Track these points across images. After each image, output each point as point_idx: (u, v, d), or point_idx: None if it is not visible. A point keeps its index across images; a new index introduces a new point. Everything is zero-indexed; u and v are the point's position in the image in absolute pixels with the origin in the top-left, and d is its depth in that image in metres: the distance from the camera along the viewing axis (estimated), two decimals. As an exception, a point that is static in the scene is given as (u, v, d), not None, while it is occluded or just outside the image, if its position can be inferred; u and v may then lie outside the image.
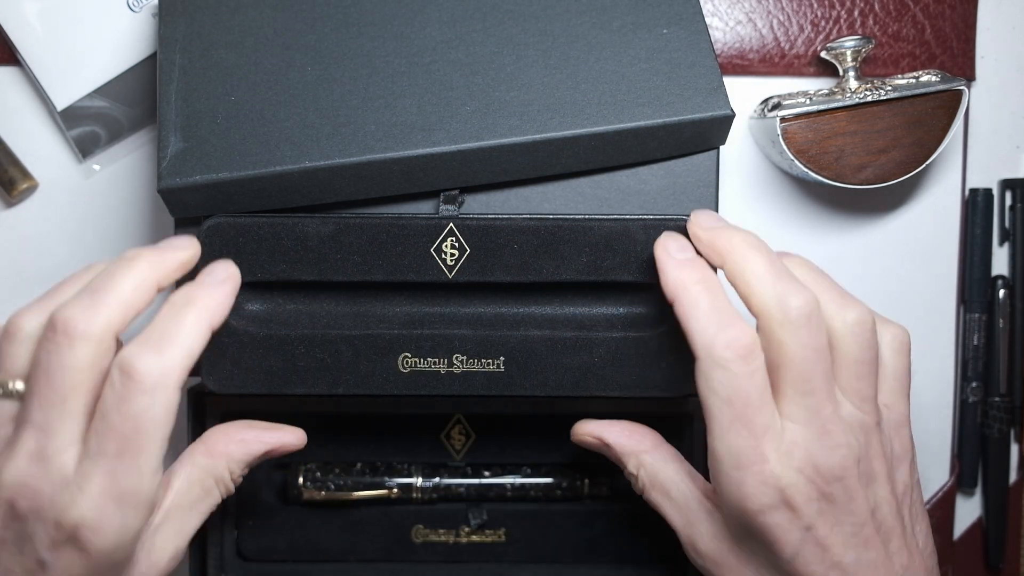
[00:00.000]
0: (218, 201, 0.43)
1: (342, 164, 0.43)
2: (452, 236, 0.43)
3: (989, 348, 0.57)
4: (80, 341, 0.35)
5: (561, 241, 0.43)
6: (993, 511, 0.58)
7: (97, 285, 0.37)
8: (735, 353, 0.37)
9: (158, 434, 0.36)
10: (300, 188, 0.44)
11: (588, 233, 0.43)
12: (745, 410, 0.37)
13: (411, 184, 0.45)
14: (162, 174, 0.42)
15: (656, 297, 0.43)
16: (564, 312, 0.45)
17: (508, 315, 0.45)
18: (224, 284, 0.39)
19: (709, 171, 0.47)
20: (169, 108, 0.44)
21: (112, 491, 0.35)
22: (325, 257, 0.43)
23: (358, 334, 0.43)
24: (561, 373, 0.43)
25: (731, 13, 0.55)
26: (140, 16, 0.53)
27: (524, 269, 0.43)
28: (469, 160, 0.44)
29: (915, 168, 0.51)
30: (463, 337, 0.43)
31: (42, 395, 0.35)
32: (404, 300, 0.45)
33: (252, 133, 0.43)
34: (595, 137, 0.44)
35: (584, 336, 0.43)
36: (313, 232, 0.43)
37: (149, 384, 0.35)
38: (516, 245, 0.43)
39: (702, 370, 0.38)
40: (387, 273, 0.43)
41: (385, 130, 0.43)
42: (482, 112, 0.44)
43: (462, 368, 0.43)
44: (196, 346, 0.37)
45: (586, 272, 0.43)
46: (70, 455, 0.35)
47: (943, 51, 0.55)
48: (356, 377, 0.43)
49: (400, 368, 0.43)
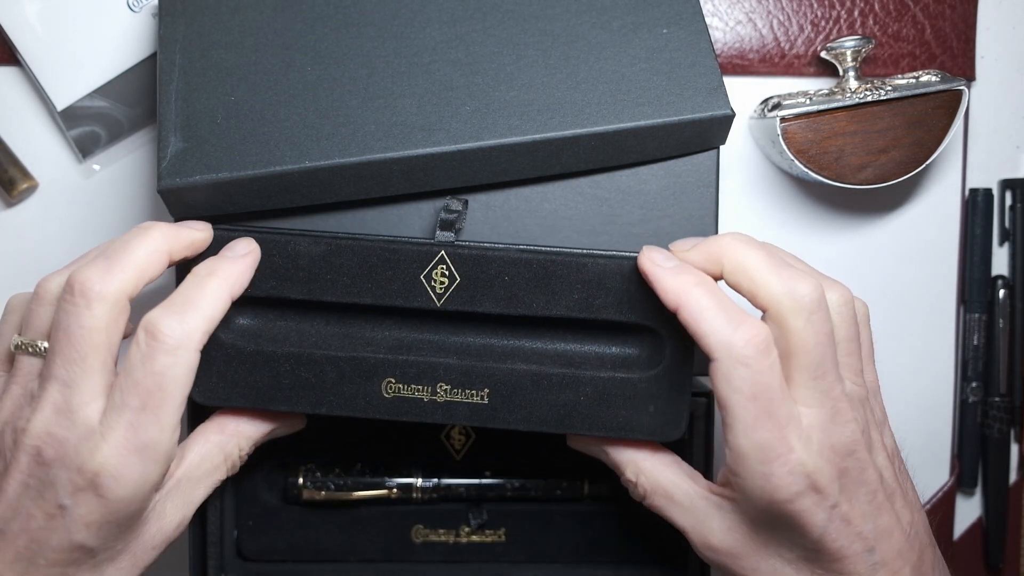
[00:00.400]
0: (218, 201, 0.43)
1: (342, 164, 0.43)
2: (443, 264, 0.43)
3: (989, 348, 0.57)
4: (96, 302, 0.38)
5: (553, 276, 0.43)
6: (993, 511, 0.58)
7: (112, 251, 0.39)
8: (756, 349, 0.38)
9: (179, 391, 0.38)
10: (300, 188, 0.44)
11: (581, 270, 0.42)
12: (770, 404, 0.38)
13: (411, 184, 0.45)
14: (162, 174, 0.42)
15: (648, 339, 0.43)
16: (553, 348, 0.44)
17: (495, 347, 0.44)
18: (245, 258, 0.42)
19: (709, 171, 0.47)
20: (169, 108, 0.44)
21: (134, 442, 0.37)
22: (315, 277, 0.43)
23: (343, 356, 0.43)
24: (546, 409, 0.43)
25: (731, 13, 0.55)
26: (140, 16, 0.53)
27: (514, 302, 0.43)
28: (469, 160, 0.44)
29: (915, 168, 0.51)
30: (448, 366, 0.43)
31: (64, 353, 0.38)
32: (392, 324, 0.44)
33: (252, 133, 0.43)
34: (595, 137, 0.44)
35: (571, 374, 0.43)
36: (304, 251, 0.43)
37: (172, 344, 0.38)
38: (507, 277, 0.43)
39: (722, 370, 0.38)
40: (376, 297, 0.43)
41: (385, 130, 0.43)
42: (482, 112, 0.44)
43: (445, 397, 0.43)
44: (216, 313, 0.40)
45: (577, 309, 0.43)
46: (94, 408, 0.38)
47: (943, 51, 0.55)
48: (339, 399, 0.43)
49: (383, 393, 0.43)
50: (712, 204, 0.48)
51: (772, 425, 0.38)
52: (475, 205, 0.46)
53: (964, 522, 0.58)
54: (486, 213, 0.48)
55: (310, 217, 0.47)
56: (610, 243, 0.48)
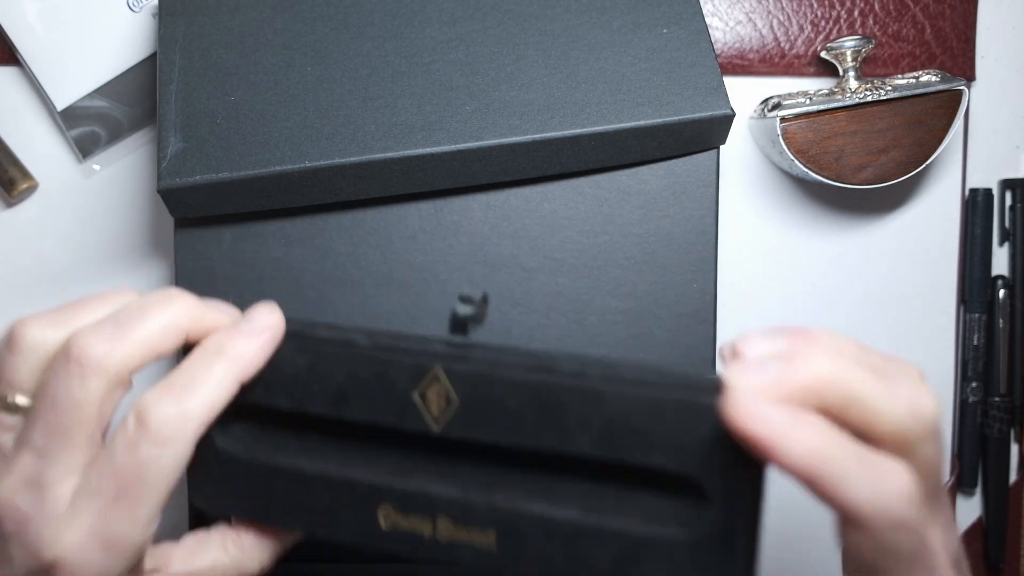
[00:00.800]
0: (218, 201, 0.43)
1: (342, 164, 0.43)
2: (438, 383, 0.36)
3: (989, 348, 0.57)
4: (93, 374, 0.34)
5: (566, 410, 0.35)
6: (993, 511, 0.58)
7: (125, 317, 0.35)
8: (909, 502, 0.31)
9: (162, 485, 0.34)
10: (300, 188, 0.44)
11: (599, 404, 0.34)
12: (928, 558, 0.32)
13: (411, 184, 0.45)
14: (162, 174, 0.42)
15: (690, 489, 0.34)
16: (570, 487, 0.37)
17: (501, 480, 0.37)
18: (261, 335, 0.37)
19: (709, 171, 0.47)
20: (169, 108, 0.44)
21: (101, 534, 0.34)
22: (301, 388, 0.38)
23: (336, 476, 0.38)
24: (562, 566, 0.35)
25: (731, 13, 0.55)
26: (140, 16, 0.53)
27: (520, 434, 0.35)
28: (469, 160, 0.44)
29: (915, 168, 0.51)
30: (450, 500, 0.36)
31: (46, 421, 0.34)
32: (389, 442, 0.39)
33: (252, 133, 0.43)
34: (595, 137, 0.44)
35: (592, 524, 0.35)
36: (289, 359, 0.38)
37: (163, 435, 0.34)
38: (512, 404, 0.35)
39: (878, 539, 0.31)
40: (366, 414, 0.37)
41: (385, 130, 0.43)
42: (482, 112, 0.44)
43: (447, 535, 0.37)
44: (220, 399, 0.35)
45: (596, 447, 0.35)
46: (66, 486, 0.34)
47: (943, 51, 0.55)
48: (335, 524, 0.38)
49: (381, 523, 0.37)
50: (712, 204, 0.48)
51: (927, 573, 0.33)
52: (475, 205, 0.46)
53: (964, 522, 0.58)
54: (486, 213, 0.48)
55: (309, 218, 0.47)
56: (610, 243, 0.48)
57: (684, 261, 0.48)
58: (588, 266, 0.48)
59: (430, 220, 0.47)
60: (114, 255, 0.54)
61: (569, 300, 0.48)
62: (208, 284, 0.48)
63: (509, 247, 0.48)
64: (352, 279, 0.48)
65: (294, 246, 0.48)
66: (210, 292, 0.48)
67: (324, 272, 0.48)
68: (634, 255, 0.48)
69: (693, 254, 0.48)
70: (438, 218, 0.47)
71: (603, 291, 0.48)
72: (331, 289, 0.48)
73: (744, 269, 0.56)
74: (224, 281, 0.48)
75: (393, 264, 0.48)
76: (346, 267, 0.48)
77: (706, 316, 0.49)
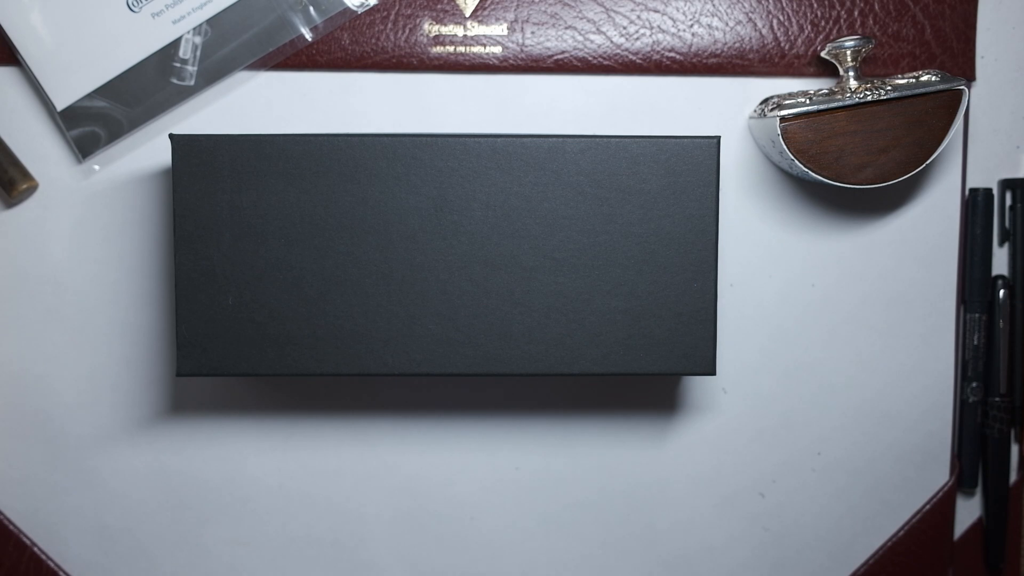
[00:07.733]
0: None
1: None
2: None
3: (989, 348, 0.57)
4: None
5: None
6: (993, 511, 0.58)
7: None
8: None
9: None
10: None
11: None
12: None
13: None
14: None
15: None
16: None
17: None
18: None
19: (709, 171, 0.47)
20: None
21: None
22: None
23: None
24: None
25: (731, 13, 0.55)
26: (140, 16, 0.53)
27: None
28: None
29: (915, 168, 0.51)
30: None
31: None
32: None
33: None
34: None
35: None
36: None
37: None
38: None
39: None
40: None
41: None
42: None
43: None
44: None
45: None
46: None
47: (943, 51, 0.55)
48: None
49: None
50: (712, 204, 0.48)
51: None
52: (475, 205, 0.46)
53: (964, 522, 0.58)
54: (486, 213, 0.48)
55: (310, 218, 0.47)
56: (610, 243, 0.48)
57: (684, 261, 0.48)
58: (588, 266, 0.48)
59: (430, 220, 0.47)
60: (114, 255, 0.54)
61: (569, 300, 0.48)
62: (208, 284, 0.48)
63: (509, 247, 0.48)
64: (352, 279, 0.48)
65: (294, 246, 0.48)
66: (210, 292, 0.48)
67: (324, 272, 0.48)
68: (634, 255, 0.48)
69: (693, 254, 0.48)
70: (438, 218, 0.48)
71: (603, 291, 0.48)
72: (331, 289, 0.48)
73: (744, 269, 0.56)
74: (224, 281, 0.48)
75: (393, 264, 0.48)
76: (346, 267, 0.48)
77: (706, 316, 0.49)
